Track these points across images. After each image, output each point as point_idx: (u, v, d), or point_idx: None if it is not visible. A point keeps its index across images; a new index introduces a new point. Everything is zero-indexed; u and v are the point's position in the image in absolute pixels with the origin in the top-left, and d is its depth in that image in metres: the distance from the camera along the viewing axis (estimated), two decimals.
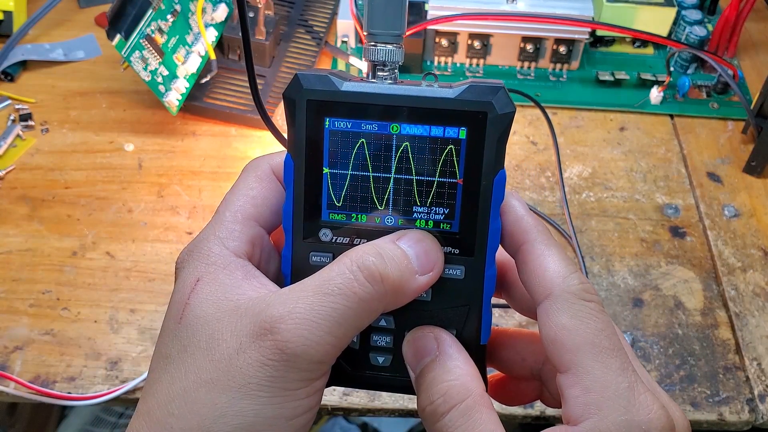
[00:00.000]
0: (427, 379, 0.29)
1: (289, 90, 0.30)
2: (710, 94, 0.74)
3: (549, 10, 0.70)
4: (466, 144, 0.30)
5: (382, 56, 0.31)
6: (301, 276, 0.30)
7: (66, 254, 0.59)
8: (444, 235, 0.31)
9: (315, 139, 0.30)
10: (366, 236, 0.31)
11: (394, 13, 0.31)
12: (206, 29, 0.69)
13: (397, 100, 0.30)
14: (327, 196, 0.31)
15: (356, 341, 0.32)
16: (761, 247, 0.62)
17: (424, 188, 0.30)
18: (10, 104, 0.70)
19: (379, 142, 0.30)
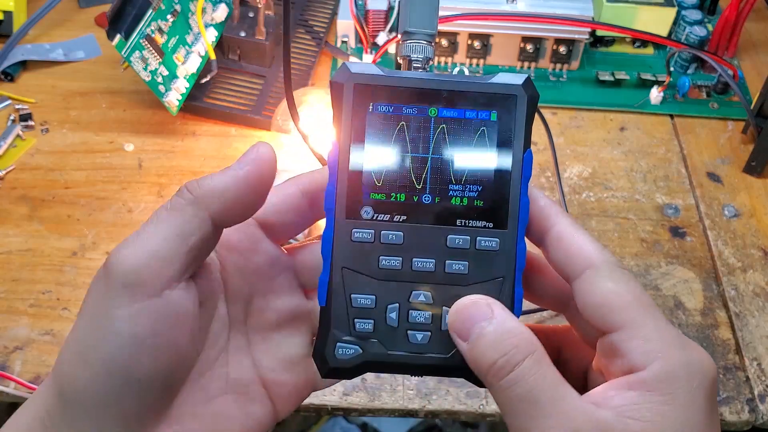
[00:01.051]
0: (492, 338, 0.30)
1: (337, 75, 0.33)
2: (710, 94, 0.74)
3: (549, 10, 0.70)
4: (497, 125, 0.33)
5: (418, 52, 0.34)
6: (343, 254, 0.32)
7: (66, 254, 0.59)
8: (478, 210, 0.33)
9: (359, 122, 0.33)
10: (404, 213, 0.33)
11: (429, 14, 0.34)
12: (206, 29, 0.69)
13: (436, 85, 0.33)
14: (368, 176, 0.33)
15: (395, 318, 0.33)
16: (761, 247, 0.62)
17: (459, 167, 0.33)
18: (10, 104, 0.70)
19: (417, 124, 0.33)
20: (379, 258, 0.33)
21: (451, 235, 0.33)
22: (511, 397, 0.29)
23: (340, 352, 0.33)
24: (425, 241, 0.33)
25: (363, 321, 0.33)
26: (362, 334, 0.33)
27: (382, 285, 0.33)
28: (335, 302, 0.33)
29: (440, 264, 0.33)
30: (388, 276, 0.33)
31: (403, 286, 0.33)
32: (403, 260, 0.33)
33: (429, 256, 0.33)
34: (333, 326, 0.33)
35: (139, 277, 0.29)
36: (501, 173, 0.33)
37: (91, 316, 0.30)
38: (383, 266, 0.33)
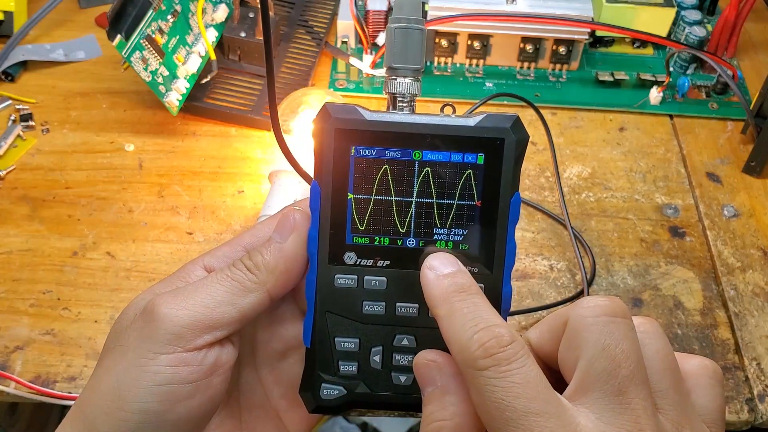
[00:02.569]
0: (427, 411, 0.30)
1: (317, 119, 0.32)
2: (710, 94, 0.74)
3: (548, 11, 0.70)
4: (484, 168, 0.32)
5: (402, 88, 0.33)
6: (326, 299, 0.32)
7: (66, 254, 0.60)
8: (464, 255, 0.32)
9: (341, 166, 0.32)
10: (388, 257, 0.33)
11: (414, 50, 0.33)
12: (206, 30, 0.69)
13: (420, 129, 0.32)
14: (351, 221, 0.32)
15: (379, 361, 0.33)
16: (760, 247, 0.62)
17: (444, 211, 0.32)
18: (11, 104, 0.70)
19: (401, 168, 0.32)
20: (362, 303, 0.33)
21: None
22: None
23: (325, 392, 0.33)
24: (409, 286, 0.32)
25: (347, 363, 0.33)
26: (347, 375, 0.33)
27: (366, 329, 0.33)
28: (320, 345, 0.33)
29: (423, 308, 0.32)
30: (371, 320, 0.33)
31: (386, 330, 0.33)
32: (386, 305, 0.33)
33: (412, 301, 0.33)
34: (318, 368, 0.33)
35: (188, 332, 0.31)
36: (488, 217, 0.32)
37: (132, 357, 0.31)
38: (366, 311, 0.33)
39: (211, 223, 0.62)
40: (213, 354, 0.31)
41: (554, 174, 0.65)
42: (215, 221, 0.62)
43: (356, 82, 0.73)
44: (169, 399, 0.30)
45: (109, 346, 0.33)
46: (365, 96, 0.72)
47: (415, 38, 0.33)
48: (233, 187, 0.64)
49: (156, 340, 0.31)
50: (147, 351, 0.31)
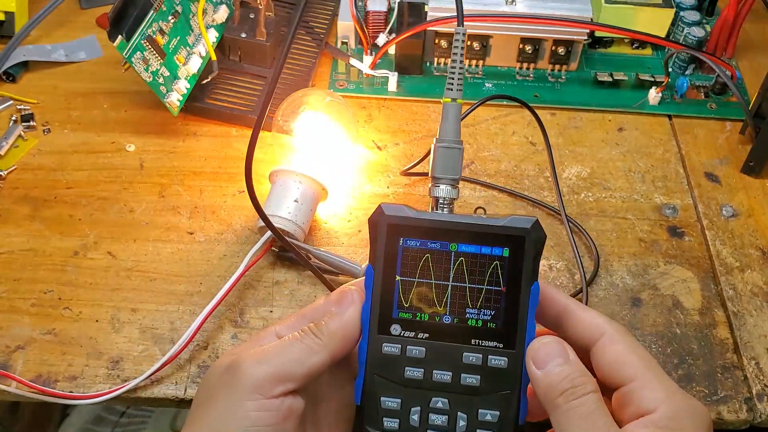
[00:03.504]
0: (567, 373, 0.36)
1: (374, 216, 0.39)
2: (708, 94, 0.74)
3: (548, 12, 0.70)
4: (508, 261, 0.38)
5: (443, 193, 0.41)
6: (375, 363, 0.39)
7: (67, 254, 0.60)
8: (490, 332, 0.39)
9: (391, 254, 0.39)
10: (427, 331, 0.39)
11: (454, 163, 0.41)
12: (207, 30, 0.69)
13: (456, 226, 0.39)
14: (398, 298, 0.39)
15: (417, 420, 0.39)
16: (759, 246, 0.62)
17: (475, 294, 0.39)
18: (12, 105, 0.70)
19: (440, 257, 0.39)
20: (404, 368, 0.39)
21: (466, 353, 0.38)
22: (572, 416, 0.35)
23: None
24: (444, 356, 0.39)
25: (390, 420, 0.39)
26: (390, 430, 0.39)
27: (407, 391, 0.39)
28: (368, 402, 0.39)
29: (456, 376, 0.38)
30: (411, 384, 0.39)
31: (424, 393, 0.39)
32: (424, 371, 0.39)
33: (447, 369, 0.39)
34: (366, 422, 0.39)
35: (267, 383, 0.37)
36: (511, 301, 0.39)
37: (223, 405, 0.37)
38: (408, 376, 0.39)
39: (212, 223, 0.62)
40: (287, 402, 0.38)
41: (552, 174, 0.65)
42: (216, 221, 0.62)
43: (356, 83, 0.74)
44: None
45: (200, 400, 0.39)
46: (365, 96, 0.73)
47: (456, 156, 0.41)
48: (234, 187, 0.65)
49: (242, 390, 0.37)
50: (235, 399, 0.37)
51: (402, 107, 0.72)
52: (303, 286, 0.59)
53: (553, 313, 0.40)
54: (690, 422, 0.36)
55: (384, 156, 0.68)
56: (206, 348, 0.55)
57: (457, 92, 0.42)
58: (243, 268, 0.56)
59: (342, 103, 0.64)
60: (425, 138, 0.69)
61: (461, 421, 0.38)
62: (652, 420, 0.35)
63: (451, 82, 0.42)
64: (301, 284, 0.59)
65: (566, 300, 0.40)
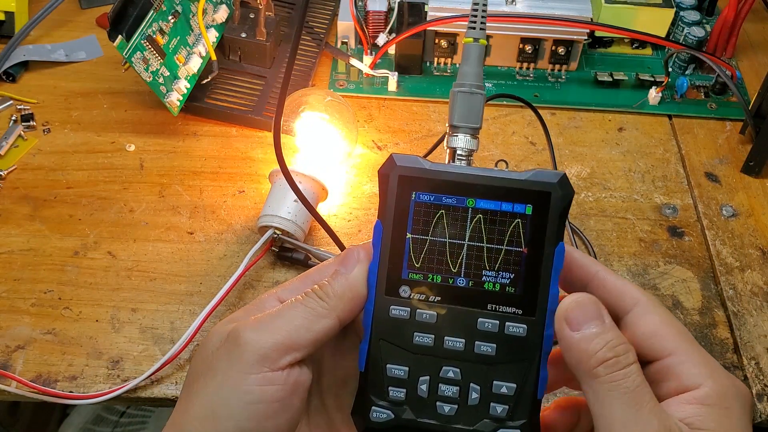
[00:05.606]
0: (607, 339, 0.33)
1: (384, 167, 0.36)
2: (708, 94, 0.74)
3: (548, 11, 0.70)
4: (531, 219, 0.35)
5: (462, 143, 0.37)
6: (381, 327, 0.35)
7: (67, 254, 0.60)
8: (509, 297, 0.35)
9: (402, 209, 0.35)
10: (439, 294, 0.35)
11: (475, 110, 0.37)
12: (207, 30, 0.69)
13: (475, 179, 0.35)
14: (408, 258, 0.36)
15: (425, 390, 0.35)
16: (759, 246, 0.62)
17: (493, 255, 0.35)
18: (12, 105, 0.70)
19: (456, 213, 0.35)
20: (413, 334, 0.35)
21: (481, 318, 0.35)
22: (615, 390, 0.32)
23: (374, 415, 0.36)
24: (457, 321, 0.35)
25: (396, 389, 0.36)
26: (395, 401, 0.36)
27: (415, 358, 0.36)
28: (372, 370, 0.36)
29: (470, 344, 0.35)
30: (420, 351, 0.35)
31: (434, 361, 0.35)
32: (435, 338, 0.35)
33: (459, 336, 0.35)
34: (369, 391, 0.36)
35: (272, 353, 0.34)
36: (532, 264, 0.35)
37: (223, 379, 0.34)
38: (417, 342, 0.35)
39: (212, 222, 0.62)
40: (294, 374, 0.34)
41: None
42: (216, 221, 0.62)
43: (356, 83, 0.74)
44: (258, 417, 0.33)
45: (196, 372, 0.35)
46: (365, 96, 0.73)
47: (477, 102, 0.37)
48: (234, 187, 0.65)
49: (244, 362, 0.33)
50: (237, 372, 0.33)
51: (402, 107, 0.72)
52: None
53: (579, 278, 0.37)
54: (737, 402, 0.33)
55: (384, 156, 0.68)
56: None
57: (480, 31, 0.37)
58: (243, 268, 0.56)
59: (342, 103, 0.64)
60: (425, 138, 0.69)
61: (474, 392, 0.35)
62: (696, 396, 0.33)
63: (474, 19, 0.38)
64: None
65: (595, 265, 0.37)
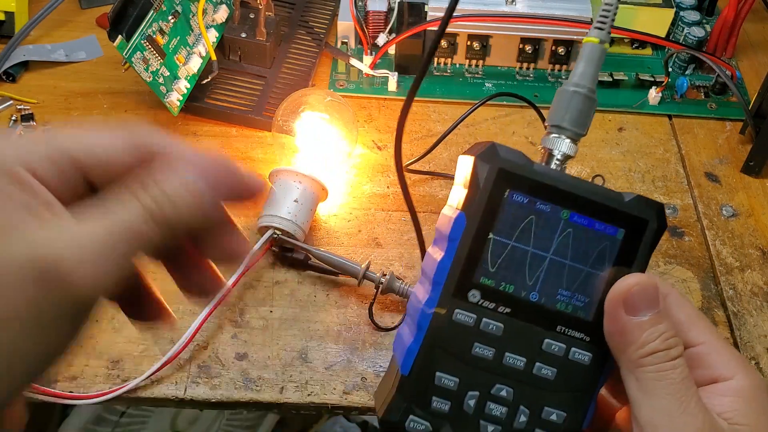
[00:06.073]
0: (662, 330, 0.32)
1: (483, 155, 0.32)
2: (708, 94, 0.74)
3: (548, 11, 0.70)
4: (621, 244, 0.33)
5: (563, 148, 0.34)
6: (439, 330, 0.32)
7: None
8: (580, 322, 0.33)
9: (493, 205, 0.32)
10: (510, 305, 0.33)
11: (586, 116, 0.35)
12: (207, 30, 0.69)
13: (576, 190, 0.32)
14: (485, 260, 0.32)
15: (472, 406, 0.33)
16: (759, 246, 0.62)
17: (573, 274, 0.33)
18: (12, 105, 0.70)
19: (547, 222, 0.32)
20: (473, 344, 0.33)
21: (548, 340, 0.33)
22: (662, 381, 0.31)
23: (411, 425, 0.33)
24: (522, 338, 0.33)
25: (440, 400, 0.33)
26: (437, 413, 0.33)
27: (469, 371, 0.33)
28: (418, 375, 0.33)
29: (530, 364, 0.33)
30: (476, 363, 0.33)
31: (488, 377, 0.33)
32: (496, 352, 0.33)
33: (522, 354, 0.33)
34: (410, 398, 0.33)
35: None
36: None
37: None
38: (475, 353, 0.33)
39: None
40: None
41: None
42: None
43: (356, 83, 0.74)
44: None
45: None
46: (365, 96, 0.73)
47: (590, 107, 0.35)
48: None
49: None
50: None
51: (402, 107, 0.72)
52: (303, 286, 0.59)
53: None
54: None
55: (384, 156, 0.68)
56: (206, 348, 0.55)
57: (606, 34, 0.35)
58: (243, 268, 0.56)
59: (342, 103, 0.64)
60: (425, 138, 0.69)
61: (522, 416, 0.33)
62: (731, 387, 0.32)
63: (604, 20, 0.35)
64: (301, 284, 0.59)
65: None
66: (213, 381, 0.53)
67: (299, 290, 0.58)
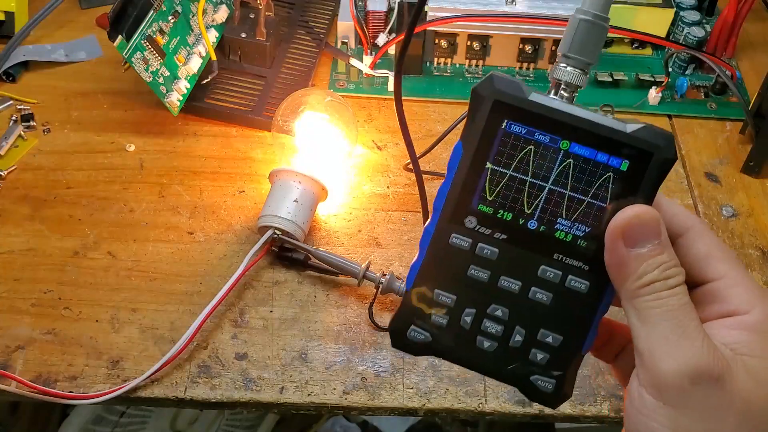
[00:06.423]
0: (660, 260, 0.32)
1: (480, 86, 0.33)
2: (708, 94, 0.74)
3: (548, 11, 0.70)
4: (624, 176, 0.32)
5: (571, 78, 0.33)
6: (437, 251, 0.34)
7: (67, 254, 0.60)
8: (579, 250, 0.33)
9: (489, 136, 0.33)
10: (506, 232, 0.34)
11: (594, 45, 0.34)
12: (207, 30, 0.69)
13: (576, 121, 0.32)
14: (482, 188, 0.33)
15: (469, 322, 0.34)
16: (759, 246, 0.62)
17: (573, 204, 0.33)
18: (12, 105, 0.70)
19: (545, 153, 0.33)
20: (469, 266, 0.34)
21: (544, 266, 0.33)
22: (657, 309, 0.31)
23: (412, 334, 0.35)
24: (517, 263, 0.34)
25: (439, 315, 0.35)
26: (436, 325, 0.35)
27: (466, 290, 0.34)
28: (420, 291, 0.35)
29: (525, 289, 0.34)
30: (472, 284, 0.34)
31: (484, 297, 0.34)
32: (491, 275, 0.34)
33: (517, 278, 0.34)
34: (413, 311, 0.35)
35: None
36: None
37: None
38: (470, 275, 0.34)
39: (212, 222, 0.62)
40: None
41: None
42: (216, 221, 0.62)
43: (356, 83, 0.74)
44: None
45: None
46: (365, 96, 0.73)
47: (600, 35, 0.34)
48: (234, 187, 0.65)
49: None
50: None
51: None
52: (303, 286, 0.59)
53: None
54: None
55: (384, 156, 0.68)
56: (206, 348, 0.55)
57: None
58: (243, 268, 0.56)
59: (342, 103, 0.64)
60: (425, 138, 0.69)
61: (518, 335, 0.34)
62: (743, 321, 0.32)
63: None
64: (301, 284, 0.59)
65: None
66: (213, 381, 0.53)
67: (299, 290, 0.58)
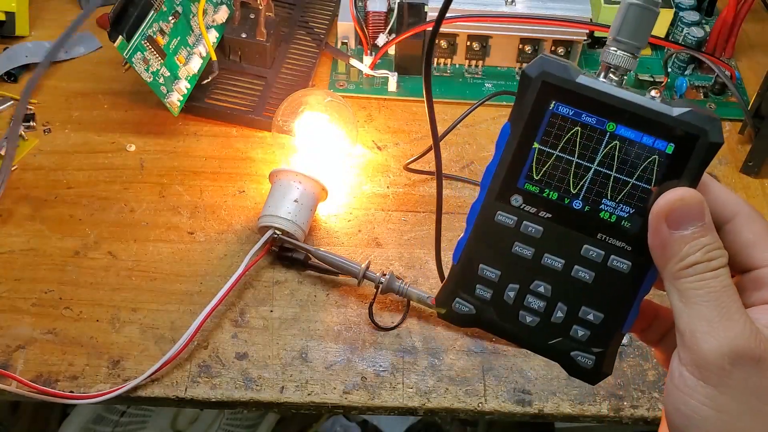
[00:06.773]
0: (704, 242, 0.32)
1: (530, 68, 0.34)
2: (708, 94, 0.74)
3: (547, 12, 0.70)
4: (670, 159, 0.33)
5: (620, 62, 0.34)
6: (483, 229, 0.35)
7: (68, 254, 0.60)
8: (622, 231, 0.34)
9: (537, 116, 0.34)
10: (551, 211, 0.34)
11: (644, 29, 0.34)
12: (207, 31, 0.69)
13: (622, 103, 0.33)
14: (528, 168, 0.34)
15: (512, 297, 0.36)
16: None
17: (618, 186, 0.34)
18: (13, 105, 0.71)
19: (592, 134, 0.33)
20: (514, 243, 0.35)
21: (587, 245, 0.34)
22: (700, 291, 0.31)
23: (457, 306, 0.36)
24: (561, 242, 0.35)
25: (484, 289, 0.36)
26: (480, 299, 0.36)
27: (510, 266, 0.35)
28: (465, 265, 0.36)
29: (568, 267, 0.35)
30: (516, 261, 0.35)
31: (527, 273, 0.35)
32: (535, 252, 0.35)
33: (560, 256, 0.35)
34: (458, 284, 0.36)
35: None
36: None
37: None
38: (515, 251, 0.35)
39: (212, 222, 0.62)
40: None
41: None
42: (216, 221, 0.62)
43: (356, 83, 0.74)
44: None
45: None
46: (365, 96, 0.73)
47: (650, 19, 0.34)
48: (234, 187, 0.65)
49: None
50: None
51: (402, 107, 0.72)
52: (303, 285, 0.59)
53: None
54: None
55: (384, 156, 0.68)
56: (206, 348, 0.55)
57: None
58: (243, 268, 0.56)
59: (342, 103, 0.64)
60: (425, 138, 0.69)
61: (559, 312, 0.35)
62: None
63: None
64: (301, 284, 0.59)
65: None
66: (213, 381, 0.53)
67: (299, 290, 0.58)
